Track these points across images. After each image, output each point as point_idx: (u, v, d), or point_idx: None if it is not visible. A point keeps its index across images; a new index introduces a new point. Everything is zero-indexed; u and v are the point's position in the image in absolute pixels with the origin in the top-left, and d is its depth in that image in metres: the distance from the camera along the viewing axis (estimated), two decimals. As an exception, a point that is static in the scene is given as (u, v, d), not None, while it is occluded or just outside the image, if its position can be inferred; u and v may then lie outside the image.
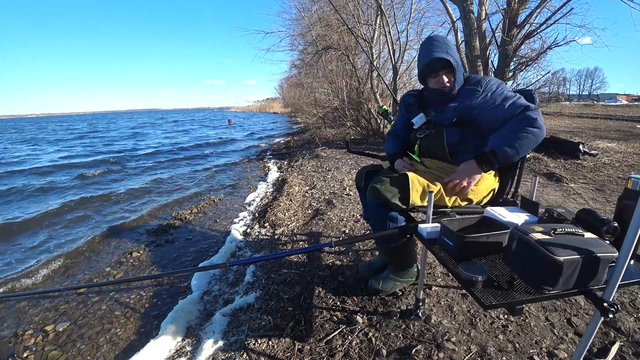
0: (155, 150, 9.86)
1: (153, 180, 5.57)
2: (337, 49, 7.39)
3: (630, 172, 3.91)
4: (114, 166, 7.25)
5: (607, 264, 0.75)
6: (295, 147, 8.42)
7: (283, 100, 31.15)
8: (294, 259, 2.10)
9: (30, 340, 1.65)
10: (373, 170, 1.61)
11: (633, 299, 1.52)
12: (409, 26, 7.35)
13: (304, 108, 11.47)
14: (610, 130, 8.11)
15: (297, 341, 1.36)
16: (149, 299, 1.95)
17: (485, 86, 1.34)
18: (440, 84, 1.38)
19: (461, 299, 1.55)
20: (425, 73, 1.41)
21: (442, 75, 1.37)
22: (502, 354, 1.21)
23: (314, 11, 8.03)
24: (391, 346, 1.29)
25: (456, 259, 0.93)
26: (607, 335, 1.29)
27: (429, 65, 1.36)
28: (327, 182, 4.10)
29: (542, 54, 4.59)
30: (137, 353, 1.46)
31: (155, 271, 2.36)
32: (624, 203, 0.90)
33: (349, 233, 2.48)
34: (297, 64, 11.44)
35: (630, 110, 17.53)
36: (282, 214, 3.03)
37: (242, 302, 1.72)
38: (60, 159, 8.86)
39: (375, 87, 7.44)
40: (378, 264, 1.76)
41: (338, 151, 6.43)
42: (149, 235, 3.02)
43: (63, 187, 5.36)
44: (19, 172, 6.81)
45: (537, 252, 0.76)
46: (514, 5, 4.23)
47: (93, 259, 2.58)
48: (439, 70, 1.36)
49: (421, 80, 1.49)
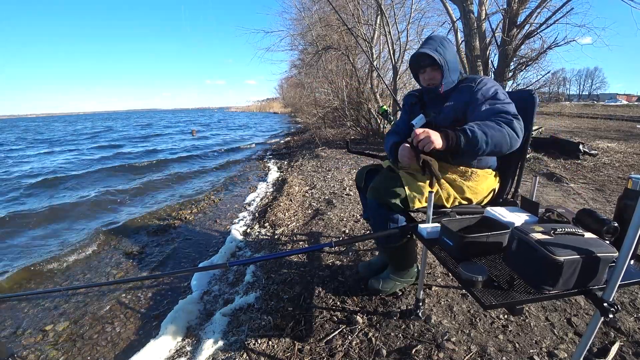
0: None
1: (153, 180, 5.57)
2: (337, 49, 7.39)
3: (630, 172, 3.91)
4: (114, 166, 7.24)
5: (607, 264, 0.75)
6: (295, 147, 8.42)
7: (283, 100, 31.16)
8: (294, 259, 2.10)
9: (30, 340, 1.65)
10: (373, 170, 1.61)
11: (633, 299, 1.52)
12: (409, 26, 7.35)
13: (304, 108, 11.48)
14: (610, 130, 8.11)
15: (297, 341, 1.36)
16: (149, 299, 1.95)
17: (479, 83, 1.33)
18: (426, 80, 1.41)
19: (461, 299, 1.55)
20: (415, 69, 1.44)
21: (429, 71, 1.38)
22: (502, 354, 1.21)
23: (314, 11, 8.02)
24: (391, 346, 1.29)
25: (456, 259, 0.93)
26: (607, 335, 1.29)
27: (416, 60, 1.39)
28: (327, 182, 4.10)
29: (542, 54, 4.60)
30: (137, 353, 1.46)
31: (155, 271, 2.36)
32: (624, 203, 0.90)
33: (349, 233, 2.48)
34: (297, 64, 11.44)
35: (630, 110, 17.53)
36: (282, 214, 3.03)
37: (242, 302, 1.72)
38: (63, 161, 8.86)
39: (375, 87, 7.44)
40: (378, 264, 1.76)
41: (338, 151, 6.43)
42: (149, 235, 3.02)
43: (63, 187, 5.36)
44: (15, 173, 6.82)
45: (537, 252, 0.76)
46: (514, 5, 4.23)
47: (93, 259, 2.58)
48: (426, 67, 1.38)
49: (415, 78, 1.50)
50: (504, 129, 1.18)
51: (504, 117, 1.21)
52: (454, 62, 1.37)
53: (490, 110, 1.25)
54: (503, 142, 1.18)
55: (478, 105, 1.29)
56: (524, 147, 1.39)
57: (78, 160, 8.35)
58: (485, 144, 1.17)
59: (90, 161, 8.15)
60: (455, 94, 1.38)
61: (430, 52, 1.32)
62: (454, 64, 1.37)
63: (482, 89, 1.31)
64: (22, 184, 5.51)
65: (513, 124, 1.19)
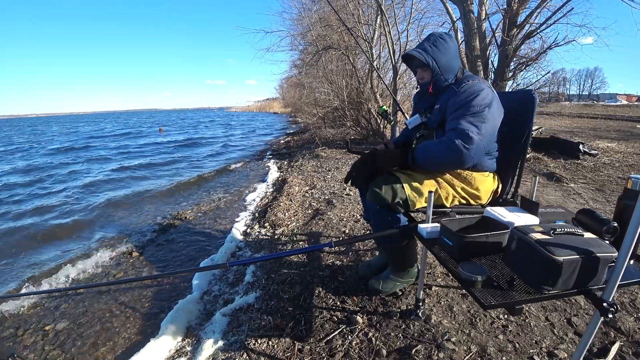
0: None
1: (152, 180, 5.57)
2: (337, 48, 7.39)
3: (630, 172, 3.91)
4: (112, 166, 7.25)
5: (606, 264, 0.75)
6: (295, 147, 8.42)
7: (283, 100, 31.14)
8: (294, 259, 2.10)
9: (30, 340, 1.65)
10: (374, 170, 1.61)
11: (633, 299, 1.52)
12: (409, 26, 7.33)
13: (304, 108, 11.46)
14: (610, 130, 8.11)
15: (297, 341, 1.36)
16: (149, 299, 1.95)
17: (460, 88, 1.30)
18: (418, 79, 1.46)
19: (461, 299, 1.55)
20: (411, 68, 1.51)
21: (419, 71, 1.43)
22: (502, 354, 1.21)
23: (314, 11, 8.02)
24: (391, 346, 1.29)
25: (456, 259, 0.93)
26: (607, 335, 1.29)
27: (408, 61, 1.46)
28: (327, 182, 4.10)
29: (542, 54, 4.59)
30: (137, 353, 1.46)
31: (155, 271, 2.36)
32: (624, 203, 0.90)
33: (349, 233, 2.48)
34: (297, 64, 11.43)
35: (630, 110, 17.51)
36: (282, 214, 3.03)
37: (242, 302, 1.72)
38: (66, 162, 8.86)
39: (375, 87, 7.44)
40: (378, 264, 1.76)
41: (338, 151, 6.43)
42: (149, 235, 3.02)
43: (62, 187, 5.36)
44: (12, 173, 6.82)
45: (537, 252, 0.77)
46: (514, 5, 4.23)
47: (93, 259, 2.58)
48: (417, 67, 1.43)
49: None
50: (444, 155, 1.24)
51: (452, 138, 1.22)
52: (448, 62, 1.34)
53: (450, 124, 1.27)
54: (446, 165, 1.31)
55: (449, 114, 1.30)
56: (524, 147, 1.39)
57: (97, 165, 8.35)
58: (430, 166, 1.32)
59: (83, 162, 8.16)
60: (443, 95, 1.37)
61: (416, 53, 1.33)
62: (448, 63, 1.35)
63: (459, 96, 1.28)
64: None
65: (456, 146, 1.20)
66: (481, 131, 1.21)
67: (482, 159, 1.33)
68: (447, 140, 1.24)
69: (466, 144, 1.19)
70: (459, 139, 1.20)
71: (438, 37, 1.36)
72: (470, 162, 1.24)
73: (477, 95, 1.25)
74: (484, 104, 1.24)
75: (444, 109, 1.34)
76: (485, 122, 1.23)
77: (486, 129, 1.23)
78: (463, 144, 1.19)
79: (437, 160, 1.29)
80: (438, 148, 1.27)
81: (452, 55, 1.36)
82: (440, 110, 1.36)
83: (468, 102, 1.25)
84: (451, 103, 1.30)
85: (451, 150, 1.22)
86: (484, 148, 1.25)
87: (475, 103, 1.24)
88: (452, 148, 1.21)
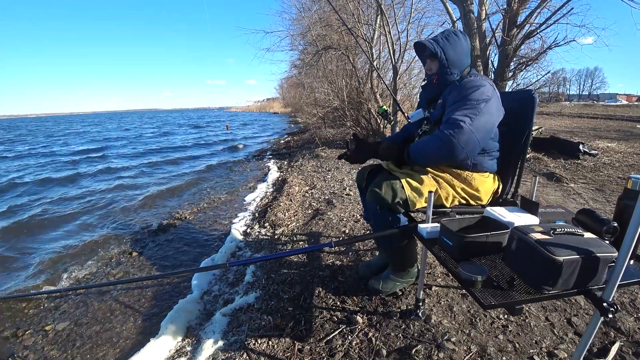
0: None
1: (151, 180, 5.57)
2: (337, 48, 7.39)
3: (630, 172, 3.91)
4: (110, 167, 7.25)
5: (606, 264, 0.75)
6: (295, 147, 8.42)
7: (283, 100, 31.15)
8: (294, 259, 2.10)
9: (30, 340, 1.65)
10: (375, 170, 1.61)
11: (633, 299, 1.52)
12: (409, 26, 7.33)
13: (304, 108, 11.46)
14: (610, 130, 8.10)
15: (297, 341, 1.36)
16: (149, 299, 1.95)
17: (462, 83, 1.30)
18: (426, 70, 1.45)
19: (461, 299, 1.55)
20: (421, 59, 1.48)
21: (428, 62, 1.41)
22: (502, 354, 1.21)
23: (314, 11, 8.01)
24: (391, 346, 1.29)
25: (456, 259, 0.93)
26: (607, 335, 1.29)
27: (419, 50, 1.44)
28: (327, 182, 4.10)
29: (542, 54, 4.58)
30: (137, 353, 1.45)
31: (155, 271, 2.36)
32: (624, 203, 0.90)
33: (349, 233, 2.48)
34: (297, 64, 11.41)
35: (630, 110, 17.50)
36: (282, 214, 3.03)
37: (242, 302, 1.72)
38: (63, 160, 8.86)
39: (375, 87, 7.44)
40: (378, 264, 1.76)
41: (338, 151, 6.43)
42: (149, 235, 3.02)
43: (61, 187, 5.36)
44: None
45: (537, 252, 0.77)
46: (514, 5, 4.23)
47: (93, 259, 2.58)
48: (427, 58, 1.42)
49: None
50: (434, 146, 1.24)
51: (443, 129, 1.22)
52: (457, 56, 1.34)
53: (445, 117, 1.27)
54: (437, 158, 1.28)
55: (447, 108, 1.30)
56: (524, 147, 1.39)
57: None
58: (423, 159, 1.31)
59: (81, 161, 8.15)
60: (446, 91, 1.37)
61: (427, 42, 1.33)
62: (456, 57, 1.34)
63: (459, 90, 1.28)
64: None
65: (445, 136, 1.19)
66: (474, 123, 1.18)
67: (480, 157, 1.33)
68: (439, 131, 1.23)
69: (455, 134, 1.17)
70: (449, 129, 1.19)
71: (452, 32, 1.36)
72: (461, 153, 1.19)
73: (477, 89, 1.24)
74: (482, 98, 1.23)
75: (444, 103, 1.34)
76: (480, 115, 1.20)
77: (480, 121, 1.19)
78: (452, 133, 1.18)
79: (428, 153, 1.27)
80: (430, 140, 1.26)
81: (462, 51, 1.35)
82: (442, 106, 1.36)
83: (466, 96, 1.24)
84: (451, 97, 1.30)
85: (441, 141, 1.20)
86: (479, 143, 1.21)
87: (472, 97, 1.23)
88: (441, 138, 1.20)
